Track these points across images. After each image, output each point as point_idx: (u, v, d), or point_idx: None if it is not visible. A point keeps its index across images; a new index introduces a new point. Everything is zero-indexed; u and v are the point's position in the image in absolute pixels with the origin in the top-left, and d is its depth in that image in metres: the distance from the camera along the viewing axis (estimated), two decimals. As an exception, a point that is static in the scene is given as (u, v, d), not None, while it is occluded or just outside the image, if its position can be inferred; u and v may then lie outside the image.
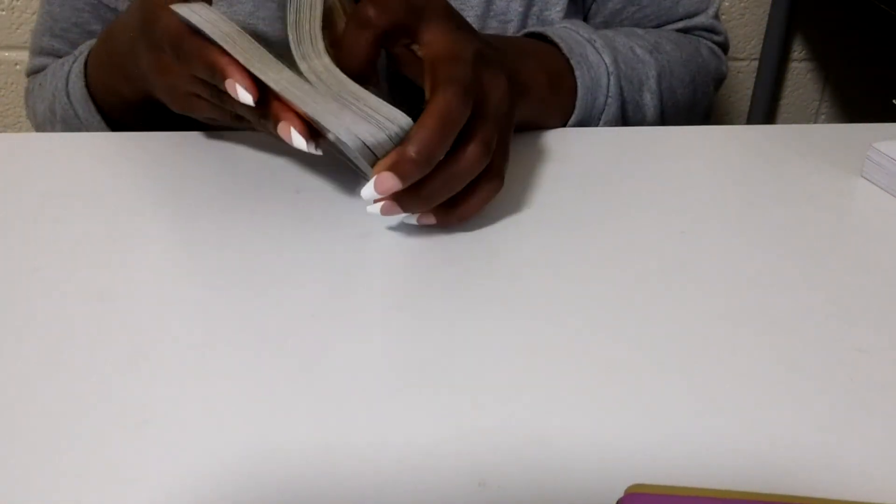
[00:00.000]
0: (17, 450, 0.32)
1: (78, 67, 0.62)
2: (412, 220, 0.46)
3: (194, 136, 0.56)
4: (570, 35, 0.61)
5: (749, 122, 1.30)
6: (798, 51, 1.28)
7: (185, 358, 0.37)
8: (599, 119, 0.61)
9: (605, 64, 0.60)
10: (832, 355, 0.38)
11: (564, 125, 0.60)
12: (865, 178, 0.53)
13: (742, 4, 1.22)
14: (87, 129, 0.61)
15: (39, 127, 0.68)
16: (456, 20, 0.47)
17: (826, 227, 0.48)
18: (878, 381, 0.36)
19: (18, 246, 0.45)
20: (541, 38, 0.62)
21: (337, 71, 0.43)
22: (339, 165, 0.52)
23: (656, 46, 0.65)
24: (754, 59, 1.25)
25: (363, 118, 0.41)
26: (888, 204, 0.51)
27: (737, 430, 0.34)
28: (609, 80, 0.60)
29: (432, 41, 0.45)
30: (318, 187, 0.50)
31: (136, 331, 0.38)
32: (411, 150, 0.40)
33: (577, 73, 0.59)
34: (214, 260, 0.44)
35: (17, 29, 1.14)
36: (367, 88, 0.43)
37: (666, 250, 0.45)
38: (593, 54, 0.60)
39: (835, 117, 1.34)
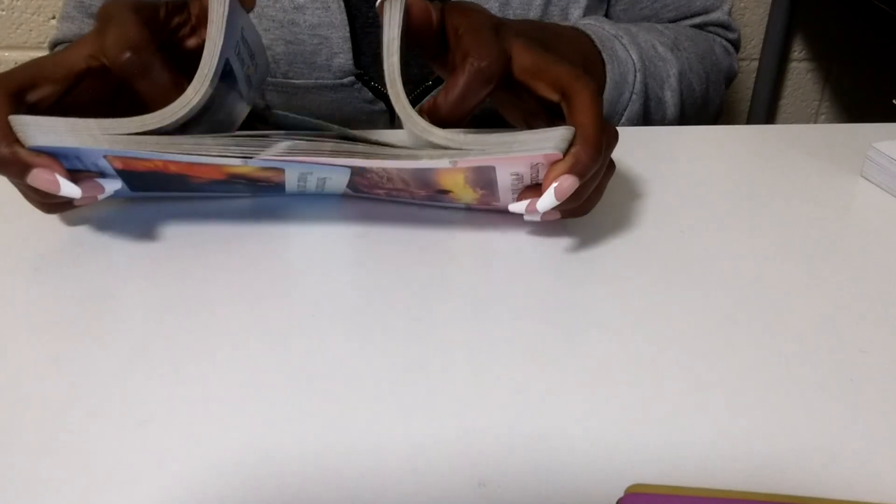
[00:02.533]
0: (17, 450, 0.32)
1: None
2: (535, 217, 0.45)
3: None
4: (598, 30, 0.61)
5: (749, 122, 1.30)
6: (798, 51, 1.28)
7: (185, 358, 0.37)
8: (622, 115, 0.61)
9: (633, 60, 0.61)
10: (833, 355, 0.38)
11: None
12: (865, 178, 0.53)
13: (742, 4, 1.22)
14: None
15: None
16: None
17: (826, 227, 0.48)
18: (878, 381, 0.36)
19: (19, 245, 0.45)
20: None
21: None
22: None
23: (676, 44, 0.65)
24: (754, 59, 1.25)
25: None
26: (888, 204, 0.51)
27: (737, 430, 0.34)
28: (636, 76, 0.60)
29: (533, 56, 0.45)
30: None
31: (136, 331, 0.38)
32: (584, 150, 0.40)
33: (607, 67, 0.59)
34: (214, 259, 0.44)
35: (17, 29, 1.14)
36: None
37: (666, 250, 0.45)
38: (621, 50, 0.60)
39: (835, 117, 1.34)
